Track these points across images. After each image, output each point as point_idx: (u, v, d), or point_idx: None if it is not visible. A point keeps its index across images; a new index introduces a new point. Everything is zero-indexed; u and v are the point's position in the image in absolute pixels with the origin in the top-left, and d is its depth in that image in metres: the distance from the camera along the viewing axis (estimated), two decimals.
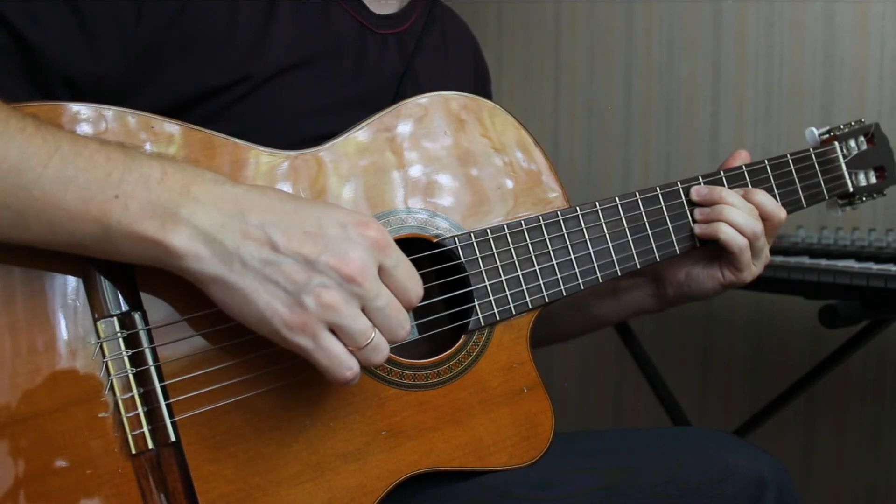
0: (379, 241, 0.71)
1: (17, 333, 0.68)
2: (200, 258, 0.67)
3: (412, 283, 0.74)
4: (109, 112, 0.75)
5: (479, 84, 1.19)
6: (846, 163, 1.17)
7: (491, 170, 0.93)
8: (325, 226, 0.70)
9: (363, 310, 0.70)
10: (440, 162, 0.90)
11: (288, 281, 0.68)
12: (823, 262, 1.40)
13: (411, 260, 0.89)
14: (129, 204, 0.66)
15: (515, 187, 0.94)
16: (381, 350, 0.72)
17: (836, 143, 1.17)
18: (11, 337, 0.67)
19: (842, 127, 1.19)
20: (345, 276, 0.69)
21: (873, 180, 1.21)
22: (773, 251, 1.54)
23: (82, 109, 0.73)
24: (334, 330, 0.70)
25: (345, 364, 0.70)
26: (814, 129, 1.19)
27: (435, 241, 0.88)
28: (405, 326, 0.73)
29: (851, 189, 1.18)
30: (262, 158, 0.81)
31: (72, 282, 0.70)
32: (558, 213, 0.94)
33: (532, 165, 0.96)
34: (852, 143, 1.19)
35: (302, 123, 0.90)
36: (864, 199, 1.21)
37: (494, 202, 0.93)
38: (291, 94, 0.90)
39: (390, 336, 0.72)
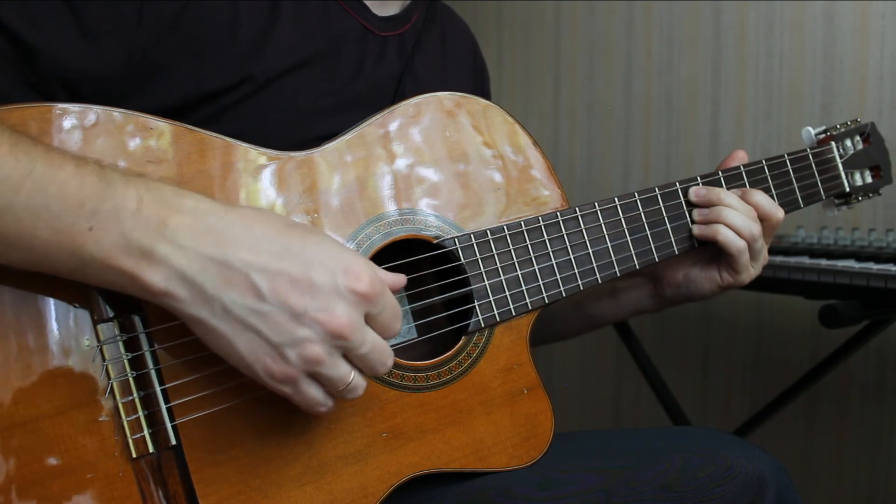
0: (368, 295, 0.70)
1: (16, 337, 0.67)
2: (179, 299, 0.66)
3: (395, 320, 0.73)
4: (100, 112, 0.74)
5: (477, 83, 1.19)
6: (842, 162, 1.17)
7: (486, 170, 0.93)
8: (313, 274, 0.68)
9: (345, 356, 0.71)
10: (435, 163, 0.90)
11: (272, 332, 0.67)
12: (823, 262, 1.40)
13: (411, 262, 0.89)
14: (102, 238, 0.64)
15: (511, 187, 0.94)
16: (357, 390, 0.72)
17: (833, 142, 1.17)
18: (11, 340, 0.67)
19: (838, 127, 1.19)
20: (331, 332, 0.68)
21: (869, 180, 1.21)
22: (773, 251, 1.54)
23: (73, 109, 0.72)
24: (314, 376, 0.70)
25: (320, 403, 0.72)
26: (810, 129, 1.19)
27: (435, 241, 0.88)
28: (387, 363, 0.73)
29: (848, 189, 1.18)
30: (256, 160, 0.81)
31: (71, 284, 0.70)
32: (557, 213, 0.94)
33: (528, 165, 0.96)
34: (848, 142, 1.19)
35: (303, 124, 0.90)
36: (860, 198, 1.21)
37: (490, 202, 0.92)
38: (293, 96, 0.90)
39: (371, 372, 0.73)
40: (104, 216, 0.64)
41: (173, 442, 0.73)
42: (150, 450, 0.72)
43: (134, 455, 0.71)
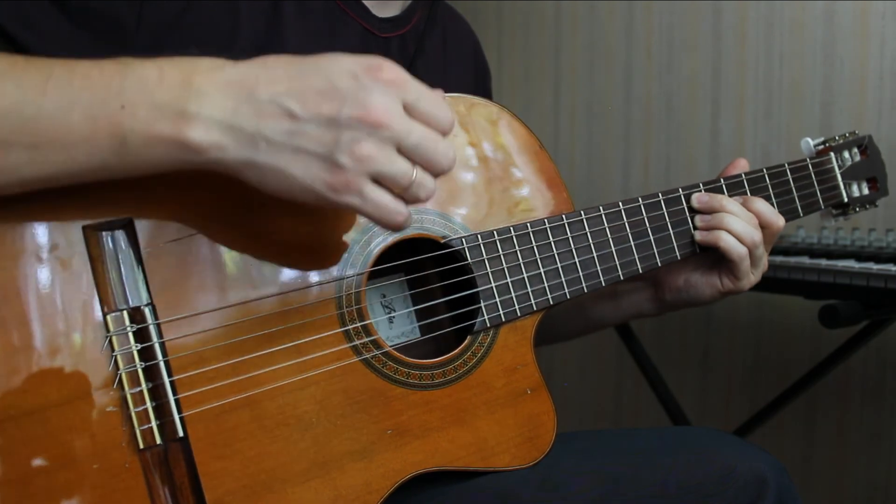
0: (395, 81, 0.69)
1: (25, 326, 0.68)
2: (223, 147, 0.66)
3: (441, 110, 0.71)
4: None
5: (479, 82, 1.19)
6: (841, 173, 1.18)
7: (494, 171, 0.93)
8: (335, 80, 0.68)
9: (399, 151, 0.69)
10: None
11: (318, 145, 0.67)
12: (823, 262, 1.40)
13: (417, 261, 0.90)
14: (136, 112, 0.65)
15: (518, 189, 0.95)
16: (426, 185, 0.71)
17: (832, 153, 1.18)
18: (20, 330, 0.68)
19: (836, 138, 1.21)
20: (372, 124, 0.67)
21: (866, 191, 1.23)
22: (773, 251, 1.55)
23: None
24: (376, 178, 0.69)
25: (393, 210, 0.70)
26: (809, 140, 1.20)
27: (442, 241, 0.89)
28: (448, 154, 0.71)
29: (846, 199, 1.19)
30: None
31: (81, 275, 0.70)
32: (563, 217, 0.95)
33: (536, 167, 0.96)
34: (846, 154, 1.20)
35: None
36: (857, 209, 1.22)
37: (497, 203, 0.93)
38: None
39: (435, 167, 0.71)
40: (131, 91, 0.65)
41: (181, 434, 0.73)
42: (158, 441, 0.72)
43: (141, 446, 0.71)
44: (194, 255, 0.76)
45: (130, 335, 0.72)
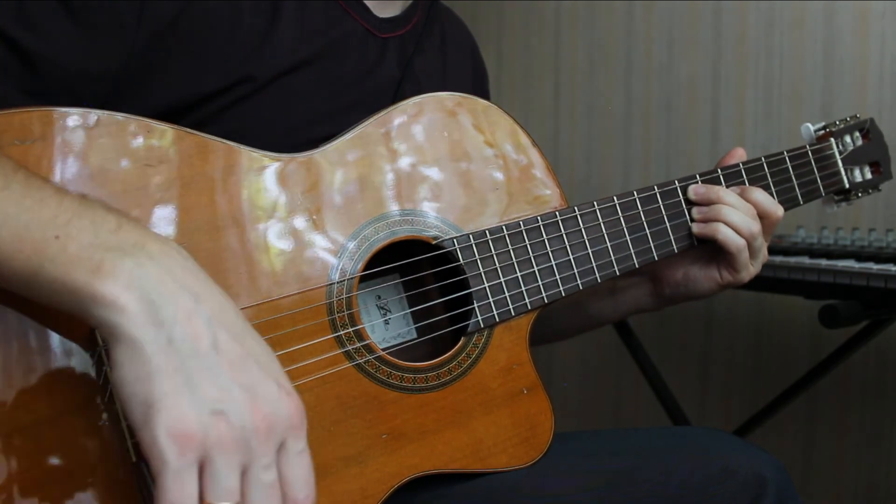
0: (293, 419, 0.63)
1: (13, 341, 0.67)
2: (125, 311, 0.59)
3: (307, 485, 0.65)
4: (102, 115, 0.73)
5: (476, 84, 1.19)
6: (842, 159, 1.17)
7: (486, 170, 0.93)
8: (264, 367, 0.63)
9: (242, 474, 0.61)
10: (435, 163, 0.90)
11: (201, 385, 0.59)
12: (823, 262, 1.40)
13: (410, 263, 0.89)
14: (67, 246, 0.60)
15: (511, 187, 0.94)
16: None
17: (832, 139, 1.17)
18: (8, 345, 0.67)
19: (837, 123, 1.19)
20: (252, 423, 0.61)
21: (868, 176, 1.21)
22: (773, 251, 1.54)
23: (74, 112, 0.72)
24: (203, 468, 0.59)
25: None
26: (809, 125, 1.19)
27: (434, 242, 0.89)
28: None
29: (847, 185, 1.18)
30: (257, 162, 0.81)
31: None
32: (556, 213, 0.94)
33: (529, 164, 0.96)
34: (848, 138, 1.19)
35: (303, 125, 0.90)
36: (859, 194, 1.21)
37: (490, 202, 0.93)
38: (293, 96, 0.90)
39: None
40: (76, 228, 0.61)
41: None
42: None
43: (134, 459, 0.70)
44: None
45: None
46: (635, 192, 0.99)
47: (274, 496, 0.62)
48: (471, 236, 0.90)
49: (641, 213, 0.99)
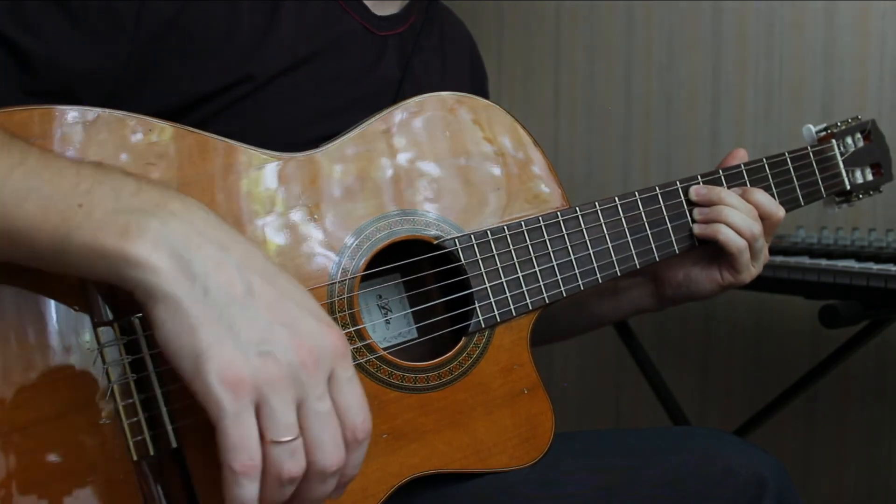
0: (338, 349, 0.65)
1: (15, 340, 0.67)
2: (158, 270, 0.60)
3: (362, 410, 0.66)
4: (101, 112, 0.73)
5: (475, 83, 1.19)
6: (843, 160, 1.17)
7: (488, 169, 0.93)
8: (300, 304, 0.65)
9: (298, 409, 0.63)
10: (436, 162, 0.90)
11: (244, 330, 0.61)
12: (823, 262, 1.40)
13: (411, 263, 0.89)
14: (92, 212, 0.61)
15: (512, 186, 0.94)
16: (297, 460, 0.62)
17: (833, 140, 1.17)
18: (9, 344, 0.66)
19: (839, 124, 1.19)
20: (299, 358, 0.62)
21: (870, 177, 1.21)
22: (773, 251, 1.54)
23: (74, 110, 0.72)
24: (259, 408, 0.61)
25: (247, 453, 0.60)
26: (811, 127, 1.19)
27: (435, 242, 0.89)
28: (334, 459, 0.64)
29: (848, 187, 1.18)
30: (255, 160, 0.80)
31: (69, 287, 0.69)
32: (558, 213, 0.94)
33: (529, 163, 0.96)
34: (849, 140, 1.19)
35: (302, 124, 0.90)
36: (860, 196, 1.21)
37: (491, 202, 0.92)
38: (292, 95, 0.90)
39: (315, 457, 0.63)
40: (98, 195, 0.61)
41: (174, 444, 0.72)
42: (152, 452, 0.71)
43: (135, 458, 0.70)
44: None
45: (121, 347, 0.70)
46: (637, 193, 0.99)
47: (332, 424, 0.64)
48: (472, 236, 0.90)
49: (643, 213, 0.99)
